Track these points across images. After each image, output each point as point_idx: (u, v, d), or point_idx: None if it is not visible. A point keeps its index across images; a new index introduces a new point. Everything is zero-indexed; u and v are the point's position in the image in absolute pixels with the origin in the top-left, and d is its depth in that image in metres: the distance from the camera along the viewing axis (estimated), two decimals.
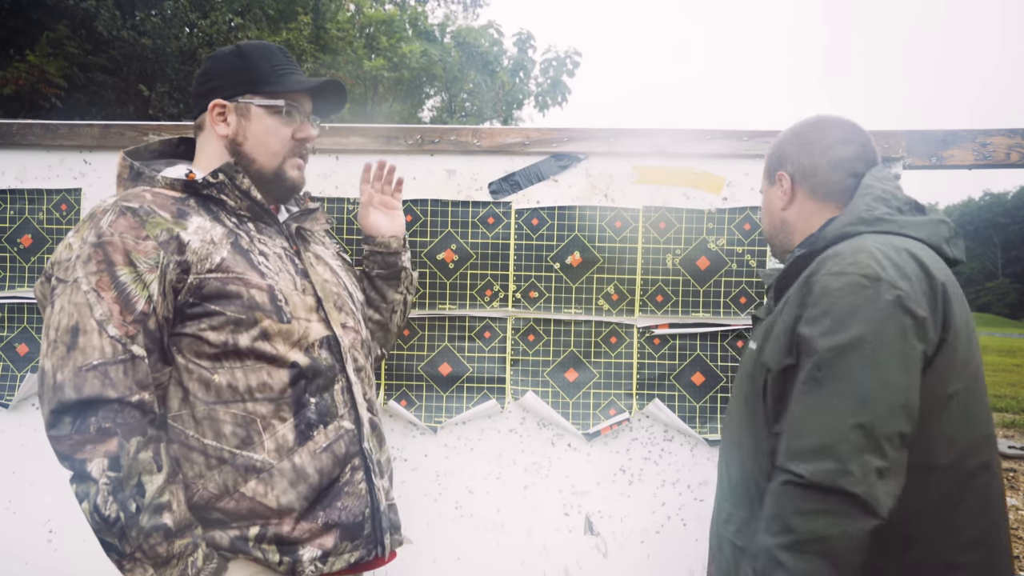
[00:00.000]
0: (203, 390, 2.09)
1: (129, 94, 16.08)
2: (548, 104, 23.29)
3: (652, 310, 3.14)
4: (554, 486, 3.17)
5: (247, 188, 2.26)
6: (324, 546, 2.16)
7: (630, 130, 3.13)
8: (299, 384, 2.18)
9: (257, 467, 2.09)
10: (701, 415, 3.13)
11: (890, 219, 2.11)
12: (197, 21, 16.68)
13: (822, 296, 1.94)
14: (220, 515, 2.09)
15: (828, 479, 1.79)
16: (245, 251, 2.18)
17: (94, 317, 1.94)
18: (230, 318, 2.09)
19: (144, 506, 1.91)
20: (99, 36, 15.03)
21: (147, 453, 1.94)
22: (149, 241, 2.01)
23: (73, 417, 1.91)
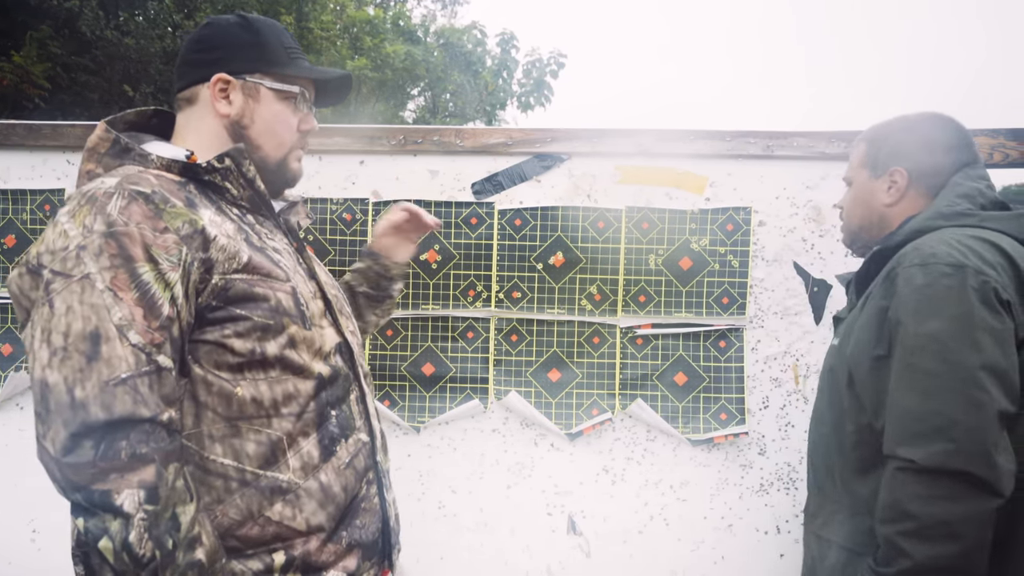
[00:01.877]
0: (223, 405, 1.87)
1: (113, 95, 16.06)
2: (531, 105, 23.29)
3: (635, 310, 3.20)
4: (537, 486, 3.23)
5: (252, 177, 2.05)
6: (348, 568, 2.02)
7: (613, 130, 3.18)
8: (321, 396, 2.02)
9: (283, 488, 1.91)
10: (684, 415, 3.19)
11: (971, 214, 2.15)
12: (181, 22, 16.66)
13: (907, 286, 1.98)
14: (240, 543, 1.89)
15: (942, 462, 1.83)
16: (259, 249, 1.98)
17: (112, 321, 1.66)
18: (257, 323, 1.89)
19: (180, 541, 1.69)
20: (83, 36, 15.02)
21: (181, 481, 1.72)
22: (169, 234, 1.76)
23: (96, 441, 1.62)
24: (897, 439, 1.93)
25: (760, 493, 3.19)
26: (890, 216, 2.35)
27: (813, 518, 2.36)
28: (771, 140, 3.14)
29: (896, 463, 1.91)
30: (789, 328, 3.17)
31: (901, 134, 2.36)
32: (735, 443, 3.18)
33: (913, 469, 1.86)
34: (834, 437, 2.25)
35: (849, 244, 2.57)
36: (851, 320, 2.25)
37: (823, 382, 2.40)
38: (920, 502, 1.85)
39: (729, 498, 3.20)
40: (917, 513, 1.84)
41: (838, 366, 2.25)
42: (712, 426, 3.18)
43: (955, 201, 2.17)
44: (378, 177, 3.21)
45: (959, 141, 2.29)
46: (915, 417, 1.90)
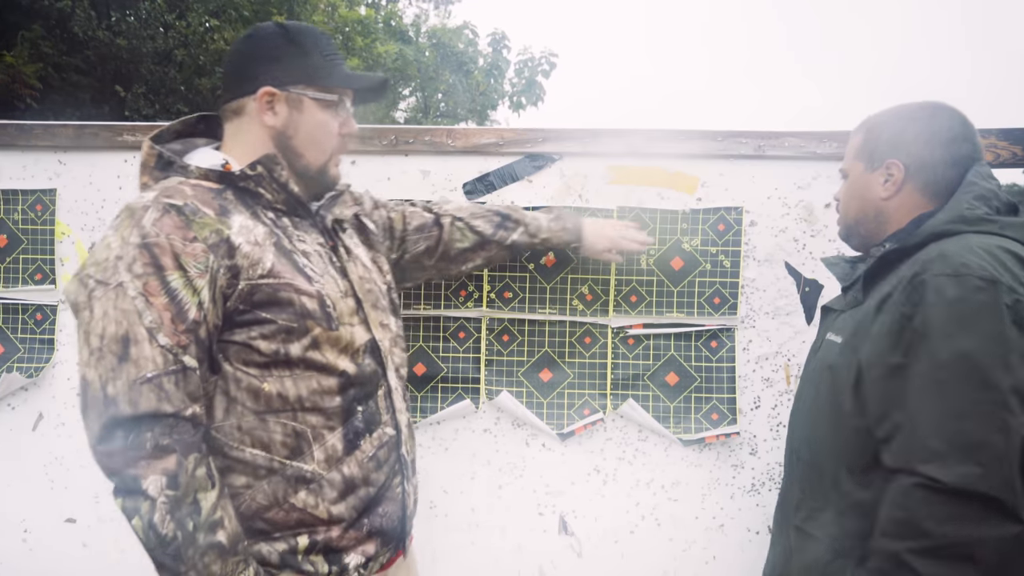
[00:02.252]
0: (251, 399, 2.08)
1: (104, 95, 16.09)
2: (523, 104, 23.36)
3: (626, 310, 3.21)
4: (528, 486, 3.25)
5: (285, 181, 2.20)
6: (367, 552, 2.23)
7: (604, 130, 3.19)
8: (347, 393, 2.19)
9: (307, 478, 2.11)
10: (675, 415, 3.20)
11: (991, 219, 2.09)
12: (173, 22, 16.70)
13: (938, 297, 1.91)
14: (267, 526, 2.11)
15: (969, 484, 1.79)
16: (288, 252, 2.14)
17: (143, 325, 1.87)
18: (281, 326, 2.07)
19: (200, 524, 1.90)
20: (74, 37, 15.05)
21: (202, 469, 1.92)
22: (197, 244, 1.94)
23: (126, 432, 1.85)
24: (918, 455, 1.88)
25: (751, 493, 3.20)
26: (887, 210, 2.30)
27: (796, 510, 2.35)
28: (762, 140, 3.15)
29: (914, 479, 1.87)
30: (780, 328, 3.19)
31: (898, 124, 2.31)
32: (726, 443, 3.20)
33: (935, 488, 1.83)
34: (830, 437, 2.21)
35: (845, 238, 2.51)
36: (860, 320, 2.17)
37: (819, 379, 2.33)
38: (938, 522, 1.82)
39: (720, 498, 3.21)
40: (934, 532, 1.82)
41: (841, 365, 2.18)
42: (703, 426, 3.19)
43: (973, 204, 2.12)
44: (369, 177, 3.22)
45: (960, 133, 2.23)
46: (941, 435, 1.85)
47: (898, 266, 2.13)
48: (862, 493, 2.08)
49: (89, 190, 3.31)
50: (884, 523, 1.94)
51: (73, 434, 3.31)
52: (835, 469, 2.17)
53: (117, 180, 3.30)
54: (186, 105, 16.81)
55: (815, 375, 2.39)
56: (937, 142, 2.21)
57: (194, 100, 17.31)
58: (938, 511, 1.82)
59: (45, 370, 3.31)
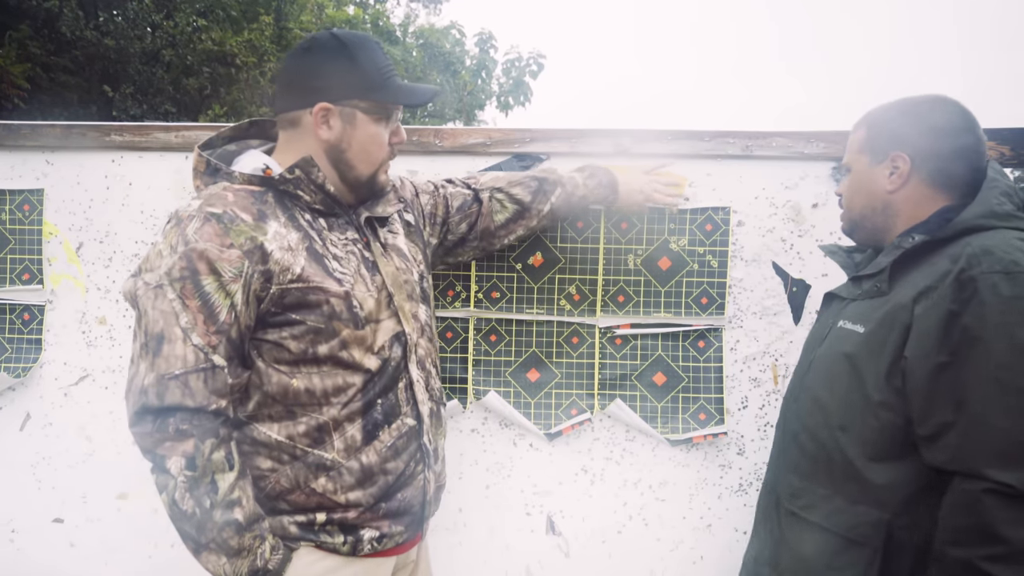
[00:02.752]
0: (281, 393, 2.28)
1: (92, 95, 16.09)
2: (511, 104, 23.45)
3: (614, 310, 3.23)
4: (516, 486, 3.27)
5: (322, 182, 2.32)
6: (381, 529, 2.40)
7: (592, 130, 3.21)
8: (369, 388, 2.36)
9: (327, 465, 2.31)
10: (663, 415, 3.21)
11: (1018, 215, 2.11)
12: (160, 22, 16.73)
13: (992, 296, 1.90)
14: (289, 506, 2.33)
15: None
16: (320, 256, 2.28)
17: (179, 325, 2.09)
18: (310, 327, 2.25)
19: (217, 502, 2.13)
20: (62, 37, 15.06)
21: (220, 453, 2.14)
22: (233, 250, 2.12)
23: (154, 417, 2.10)
24: (985, 459, 1.87)
25: (739, 493, 3.23)
26: (895, 203, 2.31)
27: (793, 498, 2.33)
28: (750, 140, 3.16)
29: (983, 484, 1.85)
30: (768, 328, 3.21)
31: (902, 117, 2.31)
32: (714, 443, 3.22)
33: (1008, 493, 1.82)
34: (850, 426, 2.18)
35: (849, 232, 2.51)
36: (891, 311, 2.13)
37: (834, 366, 2.30)
38: (1014, 526, 1.81)
39: (708, 498, 3.23)
40: (1012, 538, 1.81)
41: (865, 355, 2.17)
42: (691, 426, 3.21)
43: (1001, 200, 2.13)
44: None
45: (964, 125, 2.24)
46: (1008, 438, 1.85)
47: (931, 258, 2.12)
48: (882, 482, 2.09)
49: (77, 190, 3.34)
50: (951, 531, 1.93)
51: (61, 434, 3.34)
52: (852, 458, 2.16)
53: (105, 180, 3.33)
54: (173, 105, 16.81)
55: (824, 363, 2.36)
56: (942, 134, 2.23)
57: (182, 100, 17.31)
58: (1013, 516, 1.82)
59: (32, 370, 3.34)
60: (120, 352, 3.34)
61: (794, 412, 2.47)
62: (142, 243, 3.33)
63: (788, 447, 2.45)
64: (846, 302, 2.39)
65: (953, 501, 1.92)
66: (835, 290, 2.52)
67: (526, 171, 3.07)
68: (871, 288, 2.27)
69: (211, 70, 17.47)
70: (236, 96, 18.13)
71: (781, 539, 2.35)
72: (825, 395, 2.30)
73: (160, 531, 3.31)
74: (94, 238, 3.35)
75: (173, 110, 16.73)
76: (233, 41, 17.46)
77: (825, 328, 2.45)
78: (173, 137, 3.27)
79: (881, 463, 2.10)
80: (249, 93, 18.32)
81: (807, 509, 2.27)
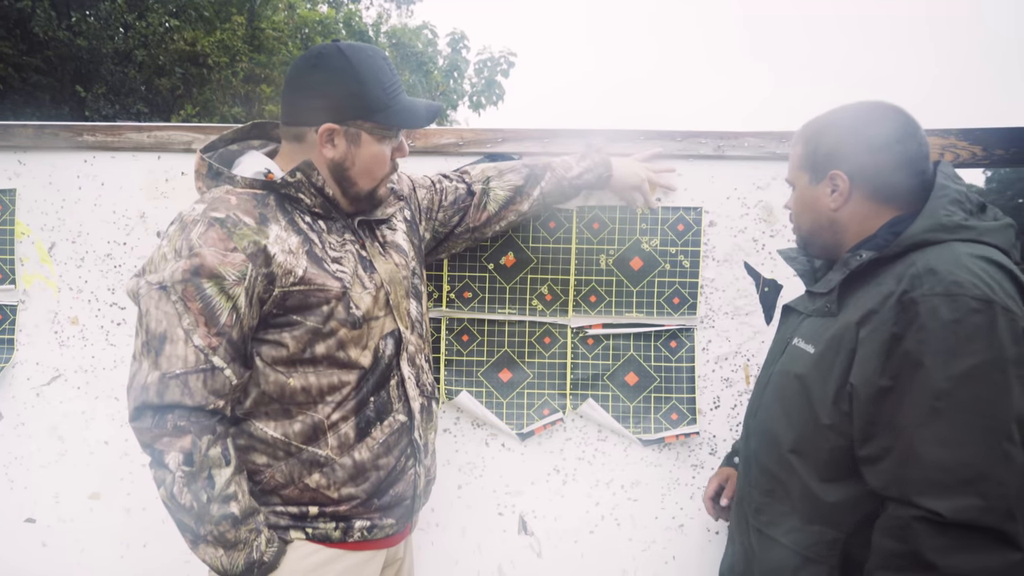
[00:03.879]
0: (278, 392, 2.38)
1: (64, 95, 16.10)
2: (483, 104, 23.53)
3: (586, 310, 3.27)
4: (488, 486, 3.32)
5: (322, 186, 2.41)
6: (373, 520, 2.52)
7: (564, 131, 3.24)
8: (363, 386, 2.46)
9: (321, 462, 2.42)
10: (635, 415, 3.26)
11: (968, 225, 2.09)
12: (133, 22, 16.75)
13: (931, 319, 1.90)
14: (282, 500, 2.44)
15: (973, 517, 1.81)
16: (319, 259, 2.36)
17: (182, 326, 2.18)
18: (309, 328, 2.35)
19: (214, 497, 2.23)
20: (34, 37, 15.08)
21: (216, 449, 2.24)
22: (237, 254, 2.20)
23: (153, 413, 2.20)
24: (917, 487, 1.90)
25: None
26: (841, 220, 2.29)
27: (757, 514, 2.37)
28: (722, 140, 3.21)
29: (914, 511, 1.88)
30: (740, 328, 3.26)
31: (836, 133, 2.28)
32: (686, 443, 3.26)
33: (937, 521, 1.84)
34: (801, 448, 2.22)
35: (803, 247, 2.52)
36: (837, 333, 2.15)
37: (785, 386, 2.33)
38: (944, 554, 1.84)
39: (680, 498, 3.28)
40: (940, 565, 1.83)
41: (815, 377, 2.18)
42: (663, 426, 3.25)
43: (950, 209, 2.11)
44: None
45: (902, 133, 2.20)
46: (940, 467, 1.87)
47: (878, 276, 2.12)
48: (835, 502, 2.12)
49: (49, 190, 3.39)
50: (883, 556, 1.96)
51: (33, 434, 3.39)
52: (805, 479, 2.19)
53: (77, 180, 3.38)
54: (146, 105, 16.81)
55: (780, 380, 2.39)
56: (878, 147, 2.20)
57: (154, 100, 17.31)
58: (941, 544, 1.84)
59: (4, 370, 3.38)
60: (92, 352, 3.38)
61: (754, 429, 2.51)
62: (114, 243, 3.38)
63: (751, 464, 2.49)
64: (802, 317, 2.41)
65: (885, 526, 1.97)
66: (792, 303, 2.54)
67: (521, 162, 3.13)
68: (822, 307, 2.29)
69: (183, 70, 17.49)
70: (208, 96, 18.13)
71: (752, 552, 2.40)
72: (780, 415, 2.33)
73: (132, 531, 3.36)
74: (66, 238, 3.39)
75: (145, 110, 16.75)
76: (205, 41, 17.50)
77: (782, 343, 2.48)
78: (145, 137, 3.31)
79: (834, 484, 2.13)
80: (221, 93, 18.32)
81: (770, 526, 2.31)
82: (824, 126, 2.33)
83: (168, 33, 17.24)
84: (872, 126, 2.23)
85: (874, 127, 2.23)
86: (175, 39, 17.19)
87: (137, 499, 3.36)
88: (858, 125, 2.26)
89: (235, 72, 18.26)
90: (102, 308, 3.37)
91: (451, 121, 24.07)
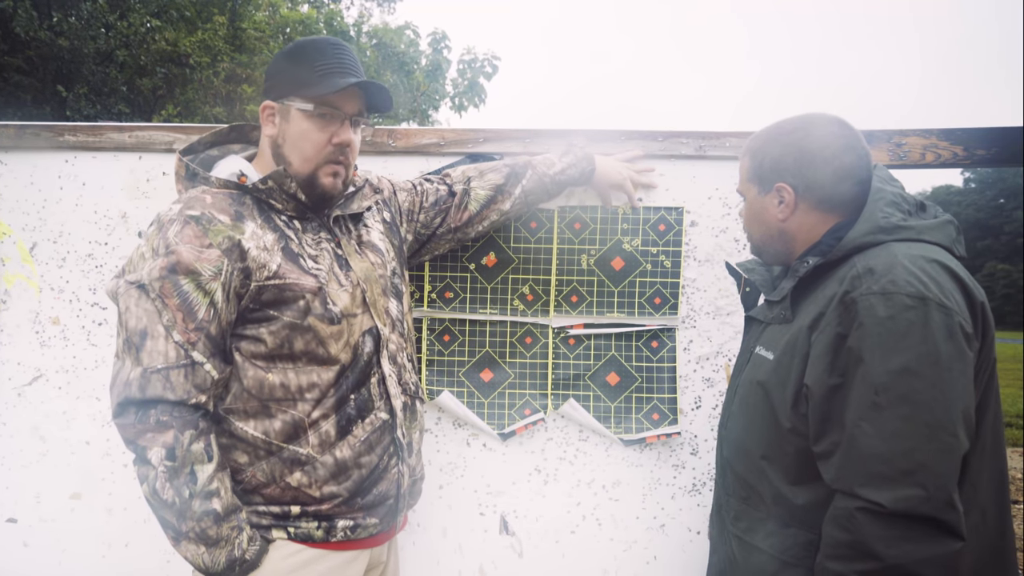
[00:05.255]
0: (257, 388, 2.44)
1: (46, 95, 16.11)
2: (465, 105, 23.61)
3: (567, 310, 3.32)
4: (469, 486, 3.37)
5: (294, 192, 2.49)
6: (356, 519, 2.55)
7: (545, 131, 3.30)
8: (342, 383, 2.51)
9: (302, 460, 2.46)
10: (616, 415, 3.31)
11: (906, 225, 2.19)
12: (114, 23, 16.80)
13: (868, 317, 1.99)
14: (264, 499, 2.48)
15: (912, 507, 1.88)
16: (295, 255, 2.45)
17: (161, 323, 2.26)
18: (286, 323, 2.41)
19: (196, 492, 2.28)
20: (16, 37, 15.09)
21: (199, 444, 2.30)
22: (212, 250, 2.29)
23: (136, 409, 2.27)
24: (859, 479, 1.96)
25: (692, 493, 3.32)
26: (789, 230, 2.41)
27: (736, 521, 2.43)
28: (703, 140, 3.27)
29: (857, 503, 1.95)
30: (721, 328, 3.31)
31: (779, 148, 2.39)
32: (667, 443, 3.31)
33: (878, 512, 1.91)
34: (768, 455, 2.29)
35: (758, 255, 2.63)
36: (791, 339, 2.25)
37: (749, 394, 2.43)
38: (886, 544, 1.90)
39: (661, 498, 3.33)
40: (883, 555, 1.89)
41: (775, 383, 2.28)
42: (644, 426, 3.30)
43: (887, 212, 2.21)
44: None
45: (841, 145, 2.31)
46: (880, 458, 1.93)
47: (825, 280, 2.24)
48: (806, 504, 2.18)
49: (30, 190, 3.43)
50: (830, 545, 2.03)
51: (14, 434, 3.43)
52: (776, 484, 2.26)
53: (58, 180, 3.42)
54: (127, 105, 16.83)
55: (745, 389, 2.48)
56: (820, 160, 2.31)
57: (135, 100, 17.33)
58: (883, 534, 1.91)
59: None
60: (73, 352, 3.42)
61: (725, 438, 2.60)
62: (96, 243, 3.42)
63: (726, 472, 2.57)
64: (763, 326, 2.52)
65: (832, 516, 2.04)
66: (753, 312, 2.68)
67: (504, 161, 3.19)
68: (779, 314, 2.41)
69: (165, 70, 17.53)
70: (190, 96, 18.16)
71: (734, 559, 2.44)
72: (746, 423, 2.43)
73: (114, 531, 3.40)
74: (48, 238, 3.43)
75: (127, 110, 16.77)
76: (187, 41, 17.54)
77: (747, 353, 2.60)
78: (127, 137, 3.36)
79: (802, 486, 2.20)
80: (203, 93, 18.36)
81: (748, 532, 2.37)
82: (769, 139, 2.44)
83: (149, 33, 17.31)
84: (812, 139, 2.33)
85: (814, 140, 2.33)
86: (156, 39, 17.26)
87: (119, 499, 3.39)
88: (799, 139, 2.36)
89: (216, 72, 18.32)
90: (83, 308, 3.41)
91: (433, 122, 24.18)
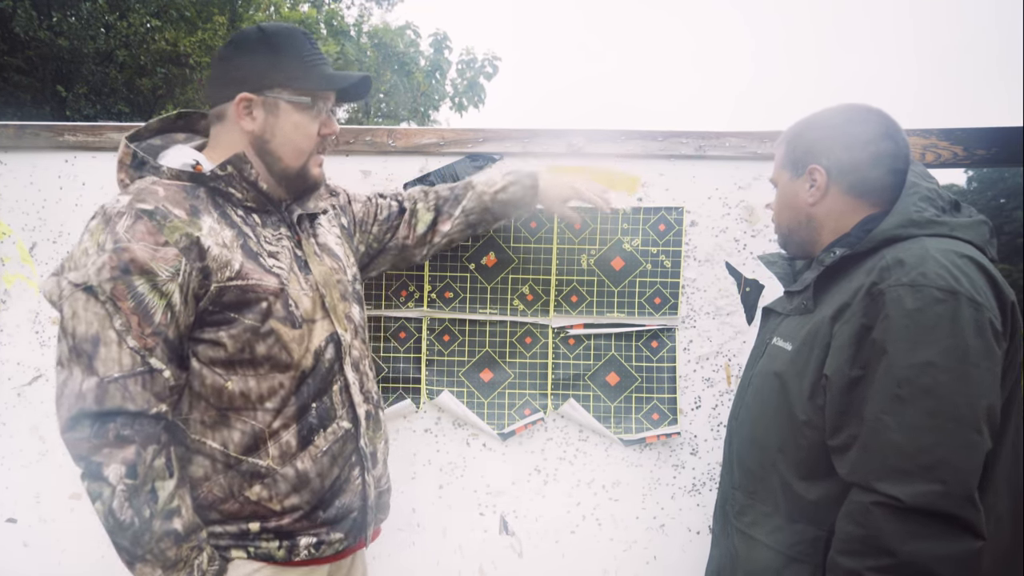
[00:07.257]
0: (215, 396, 2.31)
1: (45, 95, 16.18)
2: (465, 105, 23.66)
3: (567, 310, 3.36)
4: (469, 486, 3.40)
5: (255, 179, 2.37)
6: (319, 536, 2.44)
7: (545, 131, 3.33)
8: (303, 391, 2.40)
9: (262, 473, 2.34)
10: (616, 415, 3.34)
11: (940, 221, 2.15)
12: (114, 22, 16.86)
13: (896, 309, 1.96)
14: (222, 516, 2.36)
15: (931, 502, 1.85)
16: (255, 254, 2.33)
17: (114, 328, 2.09)
18: (248, 325, 2.28)
19: (157, 512, 2.16)
20: (15, 37, 15.17)
21: (160, 460, 2.17)
22: (169, 248, 2.13)
23: (92, 422, 2.10)
24: (877, 473, 1.94)
25: (692, 493, 3.36)
26: (817, 216, 2.39)
27: (740, 516, 2.42)
28: (703, 140, 3.30)
29: (873, 497, 1.93)
30: (721, 328, 3.35)
31: (817, 131, 2.39)
32: (667, 443, 3.35)
33: (896, 507, 1.88)
34: (782, 447, 2.27)
35: (783, 246, 2.62)
36: (812, 329, 2.22)
37: (765, 385, 2.40)
38: (902, 540, 1.87)
39: (661, 498, 3.37)
40: (898, 551, 1.87)
41: (791, 374, 2.25)
42: (644, 426, 3.33)
43: (920, 206, 2.17)
44: None
45: (879, 132, 2.30)
46: (900, 452, 1.91)
47: (851, 272, 2.21)
48: (816, 500, 2.16)
49: (30, 190, 3.47)
50: (843, 540, 2.01)
51: (14, 434, 3.47)
52: (787, 478, 2.25)
53: (58, 180, 3.47)
54: (127, 105, 16.90)
55: (760, 381, 2.46)
56: (856, 143, 2.30)
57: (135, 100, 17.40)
58: (900, 529, 1.88)
59: None
60: None
61: (735, 431, 2.60)
62: None
63: (733, 465, 2.57)
64: (781, 317, 2.50)
65: (847, 510, 2.02)
66: (771, 304, 2.64)
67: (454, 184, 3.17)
68: (799, 305, 2.38)
69: (165, 70, 17.57)
70: (190, 96, 18.21)
71: (736, 554, 2.44)
72: (760, 415, 2.41)
73: None
74: (47, 238, 3.47)
75: (127, 110, 16.84)
76: (187, 41, 17.58)
77: (763, 345, 2.58)
78: None
79: (813, 481, 2.18)
80: (203, 93, 18.40)
81: (752, 527, 2.36)
82: (806, 124, 2.46)
83: (149, 33, 17.35)
84: (852, 124, 2.34)
85: (853, 125, 2.34)
86: (156, 39, 17.31)
87: None
88: (838, 122, 2.37)
89: None
90: None
91: (433, 122, 24.22)
